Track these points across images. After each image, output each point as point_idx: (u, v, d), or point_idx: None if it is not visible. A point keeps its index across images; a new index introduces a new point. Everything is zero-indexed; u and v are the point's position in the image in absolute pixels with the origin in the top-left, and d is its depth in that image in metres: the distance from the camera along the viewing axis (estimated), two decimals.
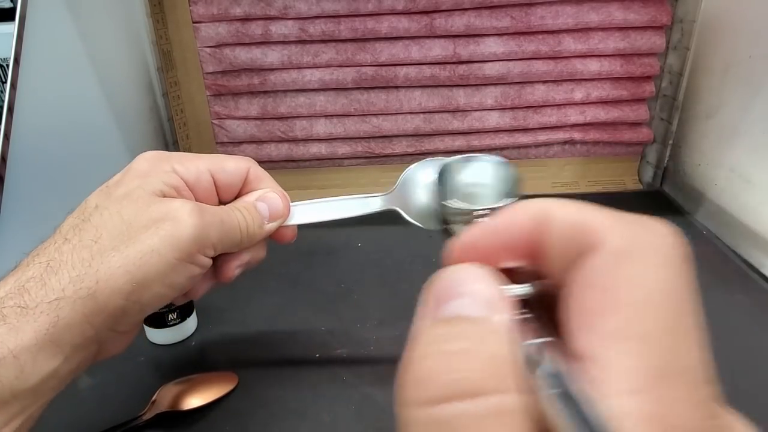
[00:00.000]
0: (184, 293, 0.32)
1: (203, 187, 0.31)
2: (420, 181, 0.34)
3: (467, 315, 0.14)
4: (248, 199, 0.33)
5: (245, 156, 0.35)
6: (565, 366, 0.13)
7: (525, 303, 0.16)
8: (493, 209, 0.23)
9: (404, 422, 0.13)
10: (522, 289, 0.17)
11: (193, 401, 0.37)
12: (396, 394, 0.13)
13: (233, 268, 0.32)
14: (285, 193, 0.34)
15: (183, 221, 0.28)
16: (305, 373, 0.40)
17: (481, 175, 0.25)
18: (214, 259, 0.31)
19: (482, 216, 0.23)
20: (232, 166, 0.33)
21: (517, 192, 0.24)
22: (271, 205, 0.33)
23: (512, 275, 0.17)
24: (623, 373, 0.12)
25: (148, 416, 0.36)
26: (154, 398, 0.37)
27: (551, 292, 0.16)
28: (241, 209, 0.32)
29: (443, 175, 0.25)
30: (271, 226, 0.33)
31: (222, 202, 0.33)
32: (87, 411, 0.37)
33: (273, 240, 0.35)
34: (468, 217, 0.24)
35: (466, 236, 0.18)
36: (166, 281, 0.27)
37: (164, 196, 0.29)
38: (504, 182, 0.25)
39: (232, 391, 0.39)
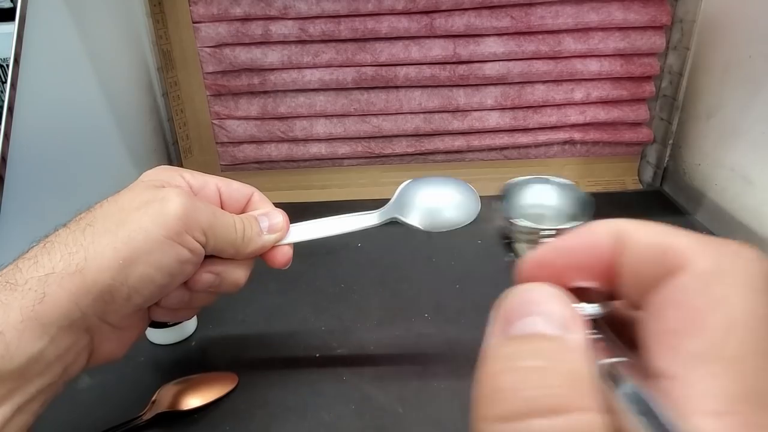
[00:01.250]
0: (158, 303, 0.31)
1: (207, 194, 0.33)
2: (416, 191, 0.36)
3: (542, 333, 0.14)
4: (250, 213, 0.35)
5: (246, 157, 0.36)
6: (644, 385, 0.13)
7: (594, 323, 0.16)
8: (559, 230, 0.23)
9: None
10: (593, 309, 0.16)
11: (193, 401, 0.37)
12: (473, 410, 0.13)
13: (203, 272, 0.31)
14: (285, 213, 0.35)
15: (171, 200, 0.28)
16: (305, 373, 0.40)
17: (549, 196, 0.25)
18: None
19: (549, 236, 0.23)
20: (238, 185, 0.34)
21: (584, 216, 0.24)
22: (272, 221, 0.34)
23: (581, 295, 0.17)
24: (708, 395, 0.12)
25: (148, 416, 0.36)
26: (154, 398, 0.37)
27: (620, 313, 0.16)
28: (241, 216, 0.33)
29: (509, 192, 0.25)
30: (269, 238, 0.34)
31: None
32: (87, 411, 0.37)
33: (266, 261, 0.35)
34: (534, 236, 0.23)
35: (539, 253, 0.18)
36: (152, 260, 0.27)
37: (163, 187, 0.30)
38: (572, 205, 0.25)
39: (232, 391, 0.39)
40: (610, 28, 0.61)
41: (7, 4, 0.52)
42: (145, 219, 0.27)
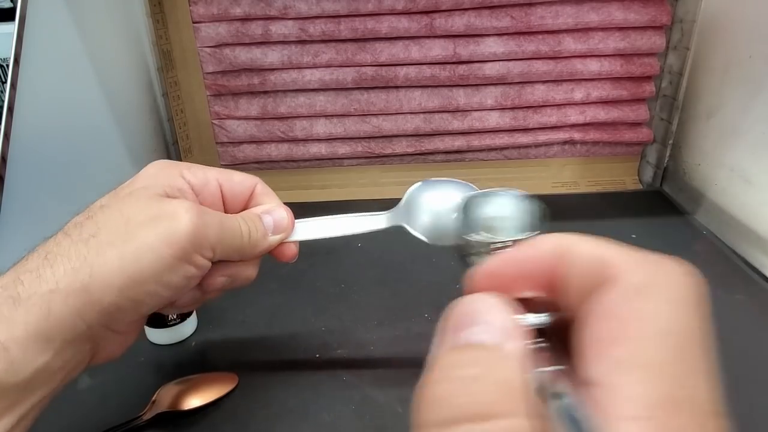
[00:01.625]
0: (172, 303, 0.31)
1: (209, 193, 0.32)
2: (425, 199, 0.35)
3: (481, 342, 0.15)
4: (254, 211, 0.33)
5: (246, 157, 0.35)
6: (575, 392, 0.14)
7: (540, 332, 0.17)
8: (513, 242, 0.23)
9: None
10: (537, 318, 0.17)
11: (193, 401, 0.37)
12: (413, 416, 0.14)
13: (216, 276, 0.31)
14: (290, 209, 0.35)
15: (180, 218, 0.27)
16: (305, 373, 0.40)
17: (502, 208, 0.25)
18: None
19: (502, 248, 0.24)
20: (239, 178, 0.33)
21: (538, 226, 0.24)
22: (276, 218, 0.33)
23: (529, 305, 0.17)
24: (629, 400, 0.13)
25: (148, 416, 0.36)
26: (154, 398, 0.37)
27: (565, 322, 0.17)
28: (245, 218, 0.32)
29: (466, 209, 0.26)
30: (274, 239, 0.33)
31: (230, 212, 0.33)
32: (87, 411, 0.37)
33: (273, 257, 0.34)
34: (487, 248, 0.24)
35: (487, 265, 0.19)
36: (160, 279, 0.27)
37: (167, 197, 0.29)
38: (525, 216, 0.25)
39: (232, 391, 0.39)
40: (610, 28, 0.61)
41: (7, 4, 0.52)
42: (153, 237, 0.26)
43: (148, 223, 0.27)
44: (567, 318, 0.17)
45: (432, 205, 0.34)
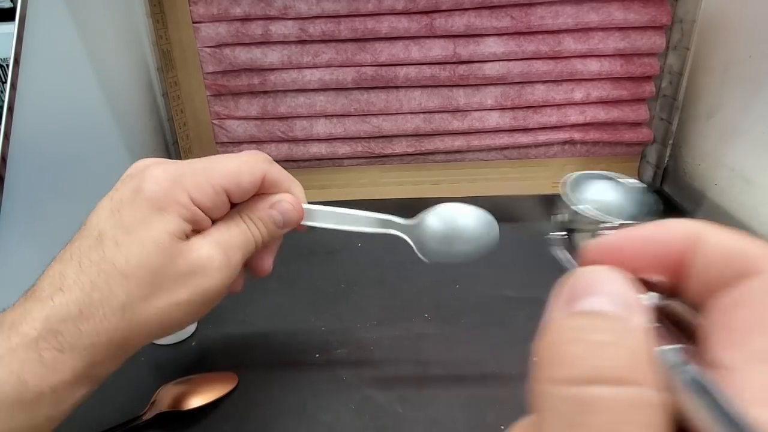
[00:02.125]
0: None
1: (219, 207, 0.31)
2: (441, 222, 0.35)
3: (605, 311, 0.15)
4: (263, 206, 0.33)
5: None
6: (703, 370, 0.14)
7: (652, 313, 0.17)
8: (625, 225, 0.23)
9: (542, 397, 0.14)
10: (653, 298, 0.17)
11: (193, 401, 0.37)
12: (534, 372, 0.14)
13: (268, 263, 0.35)
14: (297, 193, 0.35)
15: (213, 276, 0.29)
16: (305, 373, 0.40)
17: (618, 191, 0.25)
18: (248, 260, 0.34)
19: (611, 229, 0.23)
20: (247, 180, 0.31)
21: (650, 218, 0.24)
22: (286, 215, 0.34)
23: (644, 287, 0.17)
24: (765, 388, 0.13)
25: (148, 416, 0.36)
26: (154, 398, 0.37)
27: (679, 311, 0.17)
28: (257, 222, 0.33)
29: (575, 183, 0.26)
30: (284, 230, 0.35)
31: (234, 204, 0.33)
32: (87, 411, 0.37)
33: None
34: (596, 227, 0.24)
35: (609, 238, 0.18)
36: (190, 321, 0.30)
37: (186, 237, 0.29)
38: (639, 205, 0.25)
39: (232, 391, 0.39)
40: (610, 28, 0.61)
41: (7, 4, 0.52)
42: (186, 295, 0.28)
43: (179, 279, 0.28)
44: (683, 306, 0.17)
45: (448, 232, 0.35)
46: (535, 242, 0.58)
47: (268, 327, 0.45)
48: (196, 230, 0.30)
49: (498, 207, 0.67)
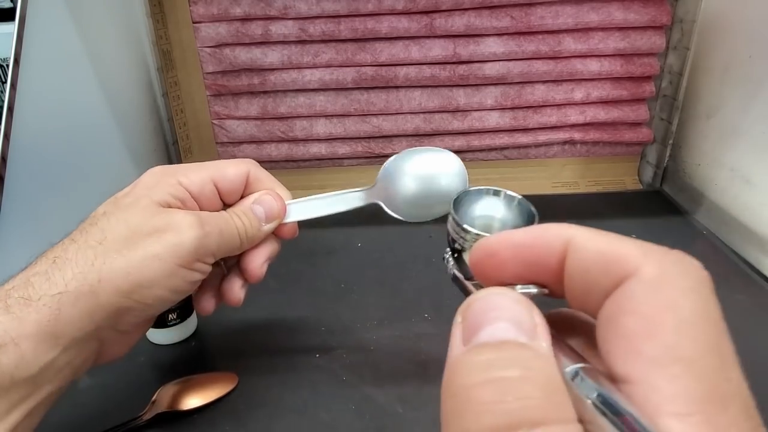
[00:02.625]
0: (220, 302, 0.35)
1: (206, 195, 0.33)
2: (401, 171, 0.35)
3: (513, 339, 0.14)
4: (246, 203, 0.34)
5: (246, 157, 0.36)
6: (612, 390, 0.13)
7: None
8: None
9: None
10: (533, 290, 0.17)
11: (193, 401, 0.37)
12: (448, 422, 0.13)
13: (259, 267, 0.35)
14: (281, 193, 0.35)
15: (184, 232, 0.29)
16: (305, 373, 0.40)
17: (497, 208, 0.25)
18: (240, 262, 0.34)
19: None
20: (232, 172, 0.34)
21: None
22: (267, 207, 0.34)
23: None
24: (672, 397, 0.13)
25: (148, 416, 0.36)
26: (154, 398, 0.37)
27: (559, 317, 0.17)
28: (240, 214, 0.33)
29: (461, 203, 0.26)
30: (268, 227, 0.35)
31: (227, 205, 0.35)
32: (87, 411, 0.37)
33: (276, 236, 0.36)
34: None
35: (491, 241, 0.18)
36: (166, 284, 0.29)
37: (169, 207, 0.31)
38: (520, 218, 0.25)
39: (232, 391, 0.39)
40: (610, 28, 0.61)
41: (7, 4, 0.52)
42: (159, 247, 0.28)
43: (153, 233, 0.29)
44: (563, 312, 0.17)
45: (410, 179, 0.35)
46: None
47: (268, 327, 0.45)
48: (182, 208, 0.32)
49: None
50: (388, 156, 0.71)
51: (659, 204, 0.65)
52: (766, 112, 0.52)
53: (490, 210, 0.26)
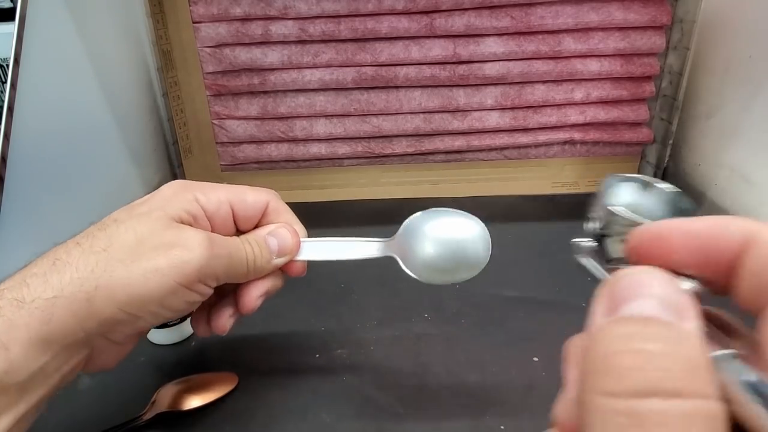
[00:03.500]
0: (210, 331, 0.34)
1: (222, 216, 0.32)
2: (422, 231, 0.34)
3: (657, 317, 0.14)
4: (261, 232, 0.34)
5: (246, 157, 0.36)
6: (761, 375, 0.13)
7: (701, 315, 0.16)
8: None
9: (592, 409, 0.13)
10: (696, 287, 0.16)
11: (193, 401, 0.37)
12: (584, 383, 0.14)
13: (254, 299, 0.34)
14: (298, 230, 0.35)
15: (192, 250, 0.28)
16: (305, 373, 0.40)
17: (650, 199, 0.24)
18: (236, 291, 0.33)
19: None
20: (251, 198, 0.33)
21: None
22: (282, 241, 0.34)
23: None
24: None
25: (148, 416, 0.36)
26: (154, 398, 0.37)
27: (717, 312, 0.16)
28: (252, 243, 0.32)
29: (609, 186, 0.25)
30: (279, 261, 0.34)
31: (241, 232, 0.34)
32: (87, 411, 0.37)
33: (283, 271, 0.35)
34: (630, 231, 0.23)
35: (661, 225, 0.17)
36: (164, 302, 0.28)
37: (182, 222, 0.30)
38: (677, 213, 0.24)
39: (232, 391, 0.39)
40: (610, 28, 0.61)
41: (7, 4, 0.52)
42: (163, 263, 0.27)
43: (160, 247, 0.28)
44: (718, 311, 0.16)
45: (431, 243, 0.33)
46: (535, 242, 0.58)
47: (268, 327, 0.45)
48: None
49: (498, 207, 0.67)
50: (388, 156, 0.71)
51: None
52: (766, 112, 0.52)
53: (640, 198, 0.25)
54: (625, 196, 0.24)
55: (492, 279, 0.51)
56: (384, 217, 0.64)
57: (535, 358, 0.41)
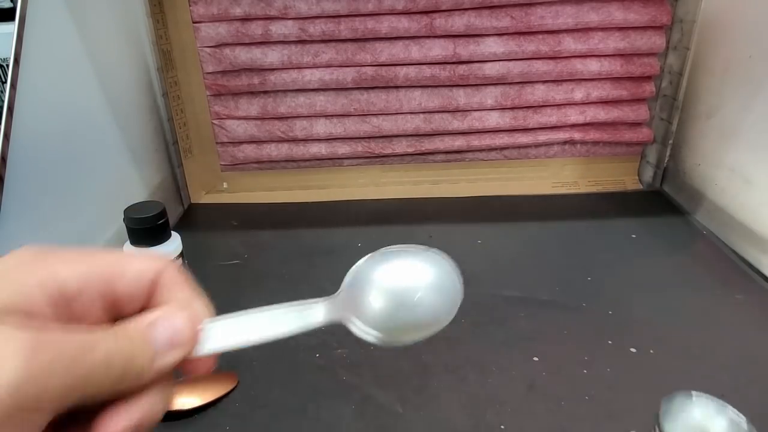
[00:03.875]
0: None
1: (88, 298, 0.22)
2: (376, 280, 0.26)
3: None
4: (140, 322, 0.23)
5: (246, 157, 0.33)
6: None
7: None
8: None
9: None
10: None
11: (193, 401, 0.37)
12: None
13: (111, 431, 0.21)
14: (197, 310, 0.24)
15: (3, 365, 0.18)
16: (305, 373, 0.40)
17: (708, 418, 0.23)
18: (92, 419, 0.21)
19: None
20: (134, 271, 0.23)
21: None
22: (171, 330, 0.23)
23: None
24: None
25: None
26: None
27: None
28: (121, 337, 0.22)
29: (668, 410, 0.24)
30: (167, 361, 0.23)
31: (119, 318, 0.23)
32: None
33: (181, 371, 0.24)
34: None
35: None
36: None
37: (8, 313, 0.20)
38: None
39: (232, 391, 0.39)
40: (610, 28, 0.61)
41: (7, 4, 0.52)
42: None
43: None
44: None
45: (387, 289, 0.26)
46: (535, 242, 0.58)
47: None
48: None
49: (498, 207, 0.67)
50: (388, 156, 0.71)
51: (659, 204, 0.65)
52: (766, 112, 0.52)
53: (701, 419, 0.24)
54: (685, 419, 0.23)
55: (492, 279, 0.51)
56: (384, 217, 0.64)
57: (535, 358, 0.41)
